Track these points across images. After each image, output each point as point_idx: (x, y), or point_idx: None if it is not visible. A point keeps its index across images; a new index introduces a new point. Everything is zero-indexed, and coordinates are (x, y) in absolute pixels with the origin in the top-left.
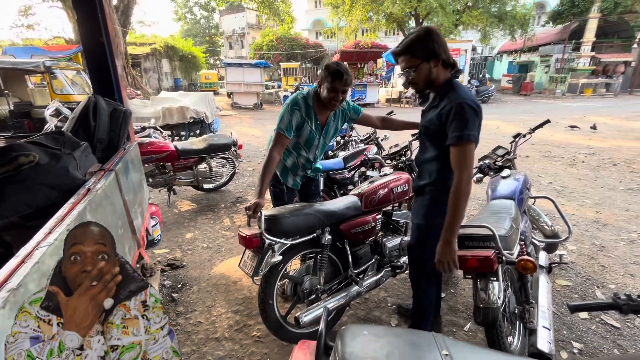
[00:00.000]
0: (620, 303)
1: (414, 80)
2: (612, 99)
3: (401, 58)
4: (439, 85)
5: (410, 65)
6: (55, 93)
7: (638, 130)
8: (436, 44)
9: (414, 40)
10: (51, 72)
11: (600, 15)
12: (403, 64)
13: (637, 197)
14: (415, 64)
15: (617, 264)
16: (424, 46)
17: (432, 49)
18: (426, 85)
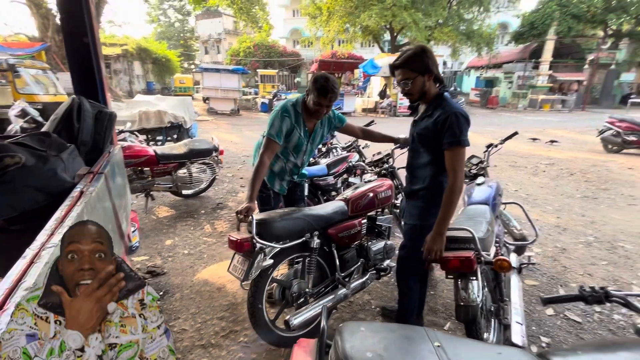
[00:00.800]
0: (585, 295)
1: (410, 91)
2: (568, 114)
3: (399, 71)
4: (431, 97)
5: (407, 77)
6: (18, 93)
7: (591, 143)
8: (430, 60)
9: (411, 56)
10: (14, 71)
11: (556, 37)
12: (400, 76)
13: (591, 204)
14: (412, 77)
15: (576, 264)
16: (420, 61)
17: (427, 65)
18: (419, 97)
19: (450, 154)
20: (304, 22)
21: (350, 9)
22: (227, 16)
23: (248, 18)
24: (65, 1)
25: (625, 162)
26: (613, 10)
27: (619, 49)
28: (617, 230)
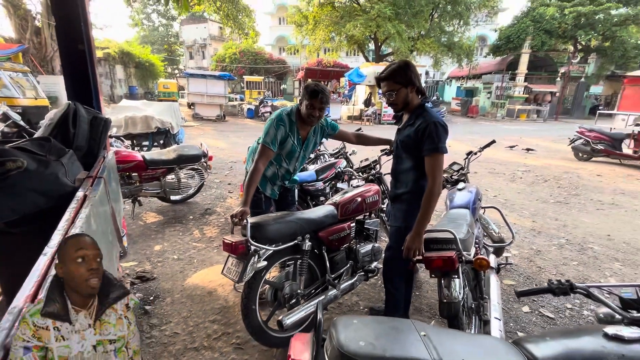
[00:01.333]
0: (553, 287)
1: (394, 101)
2: (542, 124)
3: (384, 83)
4: (413, 107)
5: (392, 89)
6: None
7: (563, 152)
8: (413, 74)
9: (396, 69)
10: None
11: (530, 51)
12: (385, 88)
13: (563, 209)
14: (396, 89)
15: (550, 265)
16: (403, 75)
17: (410, 78)
18: (403, 107)
19: (429, 160)
20: (290, 30)
21: (336, 18)
22: (213, 22)
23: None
24: (62, 7)
25: (594, 170)
26: (582, 27)
27: (587, 63)
28: (587, 233)
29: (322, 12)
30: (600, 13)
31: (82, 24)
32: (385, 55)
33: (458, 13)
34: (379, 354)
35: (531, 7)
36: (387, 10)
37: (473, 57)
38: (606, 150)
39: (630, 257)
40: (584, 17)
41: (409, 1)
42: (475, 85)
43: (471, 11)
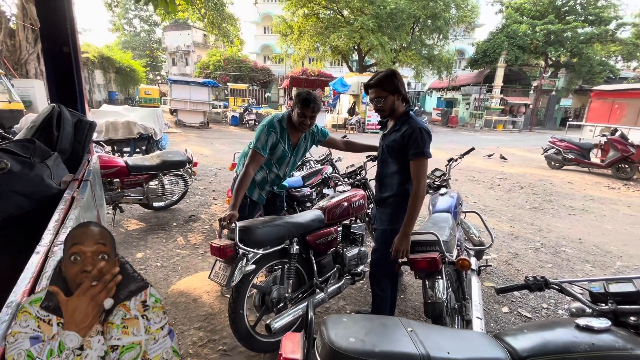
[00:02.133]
0: (529, 283)
1: (381, 108)
2: (518, 134)
3: (372, 90)
4: (399, 114)
5: (379, 96)
6: None
7: (537, 160)
8: (399, 82)
9: (383, 77)
10: None
11: (505, 65)
12: (373, 95)
13: (538, 214)
14: (384, 96)
15: (527, 267)
16: (391, 83)
17: (397, 86)
18: (389, 113)
19: (414, 164)
20: (275, 39)
21: (321, 29)
22: (197, 29)
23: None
24: (47, 9)
25: (565, 177)
26: (552, 44)
27: (558, 78)
28: (560, 237)
29: (307, 22)
30: (568, 31)
31: (67, 26)
32: (368, 65)
33: (438, 27)
34: (368, 349)
35: (505, 24)
36: (370, 22)
37: (452, 70)
38: (576, 159)
39: (599, 259)
40: (554, 34)
41: (391, 15)
42: (454, 96)
43: (450, 26)
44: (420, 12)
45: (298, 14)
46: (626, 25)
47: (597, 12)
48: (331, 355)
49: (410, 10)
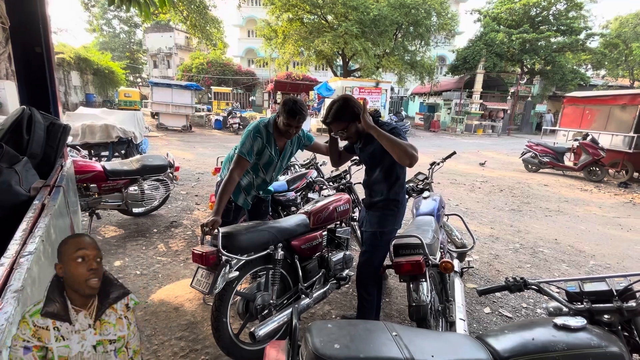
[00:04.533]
0: (509, 284)
1: (347, 137)
2: (496, 138)
3: (333, 125)
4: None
5: (341, 128)
6: None
7: (515, 164)
8: (355, 107)
9: (338, 110)
10: None
11: (484, 71)
12: (335, 129)
13: (517, 216)
14: (345, 126)
15: (507, 268)
16: (346, 112)
17: (353, 112)
18: (358, 137)
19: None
20: (259, 42)
21: (305, 33)
22: (179, 31)
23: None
24: (18, 7)
25: (541, 180)
26: (527, 52)
27: (533, 84)
28: (538, 238)
29: (291, 27)
30: (542, 40)
31: (40, 25)
32: (352, 70)
33: (419, 34)
34: (353, 355)
35: (483, 32)
36: (354, 28)
37: (434, 75)
38: (551, 162)
39: (574, 259)
40: (529, 43)
41: (374, 21)
42: (436, 101)
43: (431, 33)
44: (403, 19)
45: (282, 18)
46: (595, 36)
47: (568, 22)
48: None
49: (392, 17)
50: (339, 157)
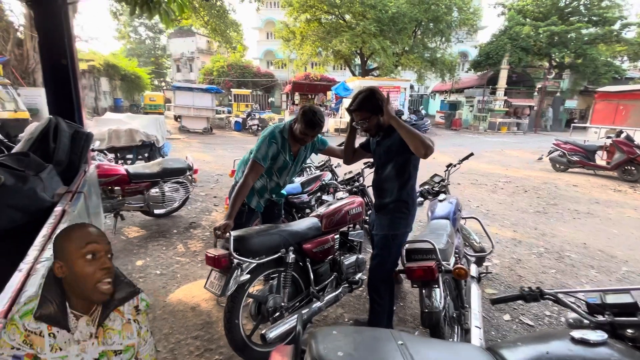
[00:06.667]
0: (524, 294)
1: (367, 128)
2: (522, 136)
3: (356, 113)
4: (387, 125)
5: (364, 118)
6: None
7: (542, 163)
8: (379, 100)
9: (363, 100)
10: None
11: (508, 67)
12: (358, 117)
13: (542, 218)
14: (367, 117)
15: (530, 273)
16: (371, 103)
17: (377, 105)
18: (377, 131)
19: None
20: (278, 44)
21: (323, 34)
22: (201, 35)
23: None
24: (45, 22)
25: (570, 180)
26: (555, 45)
27: (562, 79)
28: (564, 242)
29: (309, 27)
30: (571, 32)
31: (65, 38)
32: (371, 69)
33: (440, 30)
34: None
35: (508, 26)
36: (372, 27)
37: (455, 72)
38: (581, 161)
39: (604, 265)
40: (557, 35)
41: (392, 19)
42: (458, 99)
43: (452, 29)
44: (422, 15)
45: (300, 19)
46: (631, 25)
47: (601, 12)
48: None
49: (411, 14)
50: (352, 153)
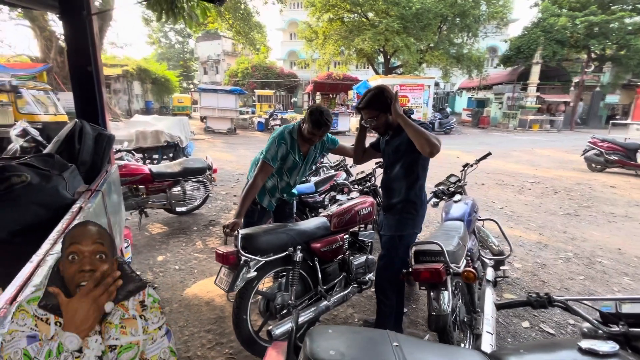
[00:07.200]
0: (532, 300)
1: (376, 126)
2: (556, 134)
3: (364, 111)
4: (397, 124)
5: (372, 116)
6: (19, 112)
7: (576, 162)
8: (388, 99)
9: (372, 98)
10: (17, 92)
11: (542, 61)
12: (367, 116)
13: (573, 221)
14: (375, 115)
15: (554, 279)
16: (379, 101)
17: (386, 103)
18: (385, 129)
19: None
20: (301, 44)
21: (345, 33)
22: (226, 38)
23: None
24: (71, 32)
25: (607, 181)
26: (595, 36)
27: (603, 72)
28: (596, 247)
29: (332, 27)
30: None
31: (90, 47)
32: (394, 67)
33: (466, 25)
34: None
35: (541, 18)
36: (395, 24)
37: (483, 68)
38: (620, 160)
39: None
40: (597, 26)
41: (417, 15)
42: (486, 95)
43: (480, 23)
44: (448, 10)
45: (323, 19)
46: None
47: None
48: None
49: (437, 9)
50: (362, 153)
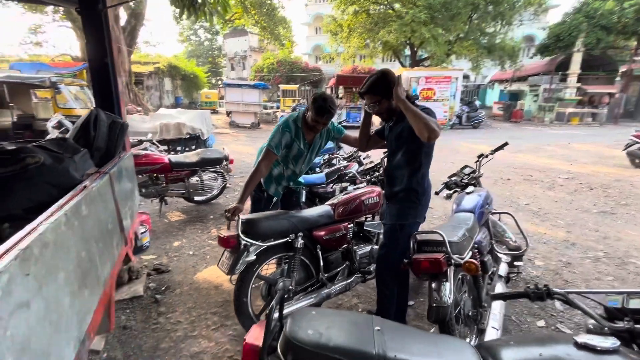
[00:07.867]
0: (529, 292)
1: (378, 111)
2: (598, 128)
3: (366, 96)
4: (401, 111)
5: (374, 101)
6: (58, 107)
7: (618, 158)
8: (391, 84)
9: (373, 82)
10: (56, 87)
11: (584, 49)
12: (368, 101)
13: (607, 219)
14: (377, 100)
15: (579, 279)
16: (381, 86)
17: (388, 88)
18: (389, 114)
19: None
20: (326, 38)
21: (370, 25)
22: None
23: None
24: (89, 25)
25: None
26: None
27: None
28: (631, 247)
29: (357, 19)
30: None
31: (105, 39)
32: (421, 60)
33: (500, 13)
34: (323, 342)
35: (585, 2)
36: (422, 14)
37: (517, 59)
38: None
39: None
40: None
41: (445, 4)
42: (520, 88)
43: (515, 10)
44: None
45: (348, 11)
46: None
47: None
48: (286, 345)
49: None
50: (367, 140)
